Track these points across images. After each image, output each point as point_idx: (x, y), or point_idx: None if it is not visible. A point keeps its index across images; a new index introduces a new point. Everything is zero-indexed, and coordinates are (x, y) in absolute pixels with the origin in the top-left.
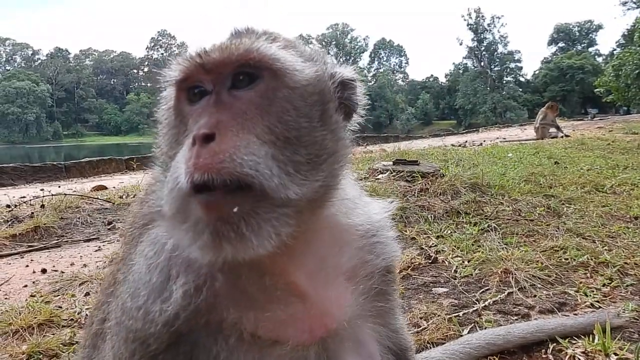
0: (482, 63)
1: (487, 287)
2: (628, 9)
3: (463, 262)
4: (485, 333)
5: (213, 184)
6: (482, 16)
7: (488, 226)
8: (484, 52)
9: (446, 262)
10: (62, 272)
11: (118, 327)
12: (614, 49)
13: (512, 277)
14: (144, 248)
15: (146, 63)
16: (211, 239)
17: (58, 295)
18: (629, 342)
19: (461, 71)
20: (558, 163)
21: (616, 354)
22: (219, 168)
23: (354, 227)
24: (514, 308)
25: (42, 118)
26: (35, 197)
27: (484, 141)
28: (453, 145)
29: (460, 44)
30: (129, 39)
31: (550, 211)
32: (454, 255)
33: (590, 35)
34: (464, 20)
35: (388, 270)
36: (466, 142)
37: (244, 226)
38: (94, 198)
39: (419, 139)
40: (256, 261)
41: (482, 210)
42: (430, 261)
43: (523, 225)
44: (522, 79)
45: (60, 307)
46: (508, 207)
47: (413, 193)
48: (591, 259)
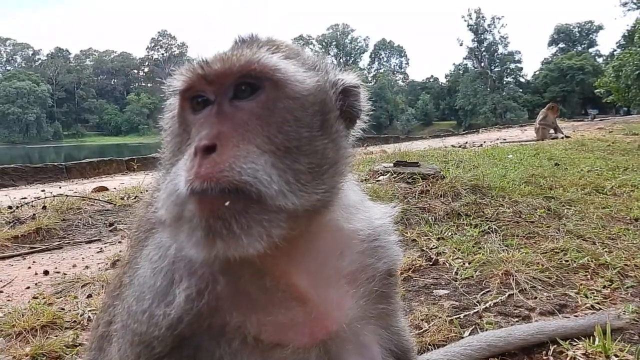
0: (483, 64)
1: (488, 289)
2: (628, 10)
3: (464, 264)
4: (486, 335)
5: (212, 192)
6: (483, 17)
7: (489, 228)
8: (484, 53)
9: (447, 264)
10: (65, 274)
11: (124, 330)
12: (615, 50)
13: (513, 279)
14: (149, 252)
15: (146, 63)
16: (204, 235)
17: (60, 297)
18: (630, 344)
19: (461, 72)
20: (558, 164)
21: (617, 356)
22: (219, 177)
23: (355, 232)
24: (515, 310)
25: (43, 118)
26: (36, 198)
27: (484, 142)
28: (453, 146)
29: (460, 45)
30: (130, 39)
31: (550, 213)
32: (455, 257)
33: (590, 36)
34: (464, 20)
35: (390, 273)
36: (466, 143)
37: (235, 224)
38: (95, 199)
39: (419, 140)
40: (257, 264)
41: (483, 212)
42: (431, 263)
43: (523, 227)
44: (523, 80)
45: (63, 309)
46: (508, 209)
47: (414, 195)
48: (591, 261)
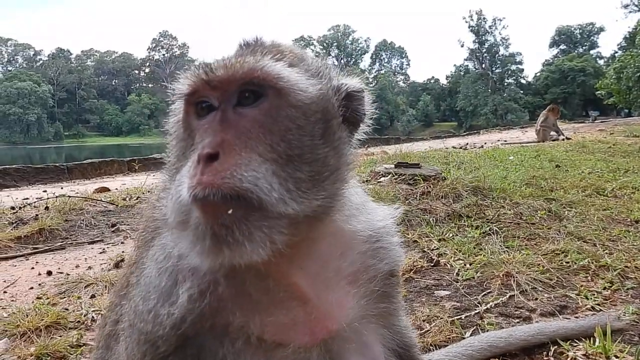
0: (484, 65)
1: (489, 290)
2: (630, 12)
3: (465, 265)
4: (487, 336)
5: (214, 199)
6: (484, 18)
7: (489, 229)
8: (485, 54)
9: (448, 265)
10: (68, 274)
11: (131, 329)
12: (616, 52)
13: (514, 280)
14: (155, 252)
15: (147, 64)
16: (211, 243)
17: (64, 297)
18: (630, 345)
19: (462, 73)
20: (559, 166)
21: (617, 357)
22: (221, 184)
23: (357, 233)
24: (516, 311)
25: (44, 119)
26: (38, 199)
27: (485, 143)
28: (454, 147)
29: (461, 46)
30: (131, 40)
31: (551, 215)
32: (456, 258)
33: (591, 37)
34: (465, 22)
35: (392, 274)
36: (467, 145)
37: (237, 231)
38: (98, 200)
39: (420, 141)
40: (258, 266)
41: (484, 213)
42: (432, 264)
43: (524, 228)
44: (524, 81)
45: (66, 309)
46: (509, 211)
47: (415, 196)
48: (592, 263)
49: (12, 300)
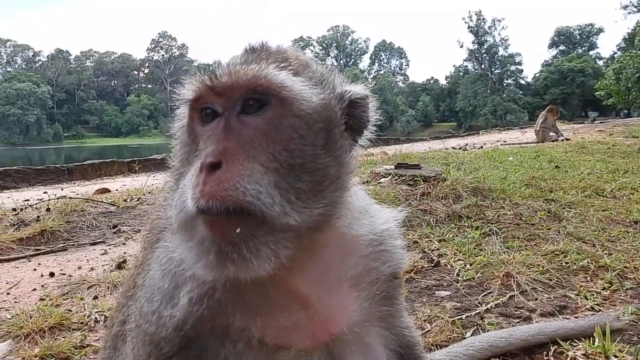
0: (483, 65)
1: (489, 291)
2: (629, 13)
3: (465, 266)
4: (487, 336)
5: (217, 211)
6: (483, 19)
7: (489, 230)
8: (485, 55)
9: (448, 266)
10: (70, 276)
11: (137, 330)
12: (615, 53)
13: (514, 281)
14: (159, 254)
15: (147, 64)
16: (216, 259)
17: (67, 298)
18: (629, 345)
19: (461, 73)
20: (558, 167)
21: (616, 356)
22: (223, 196)
23: (359, 237)
24: (516, 311)
25: (43, 119)
26: (40, 200)
27: (485, 144)
28: (454, 148)
29: (460, 47)
30: (130, 41)
31: (550, 215)
32: (456, 258)
33: (591, 38)
34: (465, 22)
35: (394, 276)
36: (467, 145)
37: (245, 248)
38: (99, 201)
39: (420, 142)
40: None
41: (484, 214)
42: (432, 265)
43: (524, 229)
44: (523, 82)
45: (70, 311)
46: (509, 211)
47: (415, 197)
48: (591, 263)
49: (16, 301)
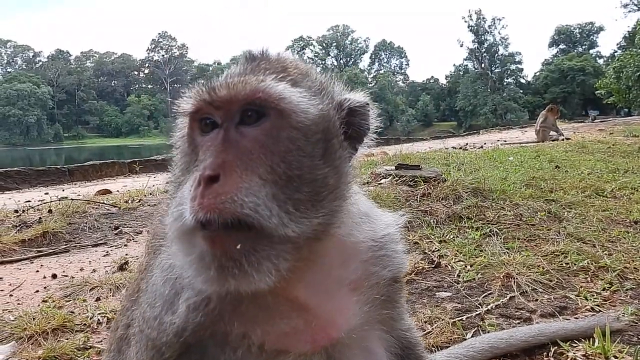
0: (483, 65)
1: (490, 292)
2: (629, 11)
3: (466, 267)
4: (488, 337)
5: (215, 223)
6: (483, 18)
7: (490, 231)
8: (485, 54)
9: (449, 267)
10: (72, 277)
11: (140, 335)
12: (615, 51)
13: (514, 282)
14: (162, 260)
15: (147, 65)
16: (217, 274)
17: (70, 300)
18: (629, 345)
19: (462, 73)
20: (559, 167)
21: (616, 357)
22: (221, 209)
23: (359, 243)
24: (516, 312)
25: (43, 120)
26: (41, 202)
27: (485, 143)
28: (454, 147)
29: (460, 46)
30: (130, 41)
31: (551, 216)
32: (457, 259)
33: (591, 37)
34: (465, 21)
35: (395, 280)
36: (467, 145)
37: (246, 262)
38: (100, 203)
39: (420, 141)
40: None
41: (484, 215)
42: (433, 266)
43: (524, 230)
44: (523, 81)
45: (72, 312)
46: (509, 212)
47: (415, 198)
48: (591, 264)
49: (19, 303)
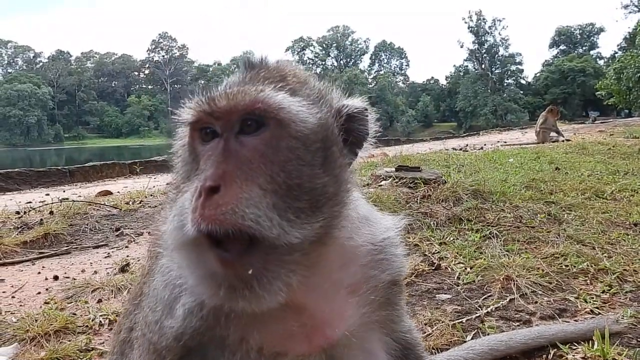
0: (483, 65)
1: (490, 294)
2: (630, 12)
3: (465, 269)
4: (488, 339)
5: (217, 234)
6: (483, 19)
7: (490, 233)
8: (485, 55)
9: (449, 269)
10: (74, 279)
11: (142, 338)
12: (616, 52)
13: (514, 284)
14: (162, 265)
15: (147, 65)
16: (227, 294)
17: (71, 302)
18: (628, 348)
19: (462, 73)
20: (559, 169)
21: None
22: (222, 220)
23: (358, 247)
24: (516, 314)
25: (44, 121)
26: (42, 203)
27: (485, 145)
28: (454, 149)
29: (461, 47)
30: (130, 41)
31: (551, 218)
32: (457, 262)
33: (591, 38)
34: (465, 22)
35: (394, 283)
36: (467, 146)
37: (257, 285)
38: (101, 204)
39: (420, 142)
40: None
41: (484, 217)
42: (433, 268)
43: (524, 232)
44: (523, 82)
45: (74, 314)
46: (509, 214)
47: (416, 200)
48: (591, 266)
49: (21, 305)
